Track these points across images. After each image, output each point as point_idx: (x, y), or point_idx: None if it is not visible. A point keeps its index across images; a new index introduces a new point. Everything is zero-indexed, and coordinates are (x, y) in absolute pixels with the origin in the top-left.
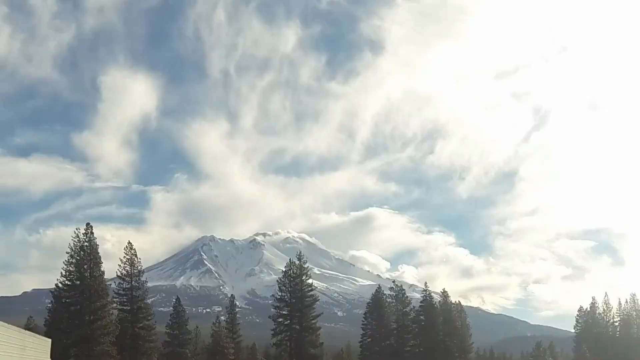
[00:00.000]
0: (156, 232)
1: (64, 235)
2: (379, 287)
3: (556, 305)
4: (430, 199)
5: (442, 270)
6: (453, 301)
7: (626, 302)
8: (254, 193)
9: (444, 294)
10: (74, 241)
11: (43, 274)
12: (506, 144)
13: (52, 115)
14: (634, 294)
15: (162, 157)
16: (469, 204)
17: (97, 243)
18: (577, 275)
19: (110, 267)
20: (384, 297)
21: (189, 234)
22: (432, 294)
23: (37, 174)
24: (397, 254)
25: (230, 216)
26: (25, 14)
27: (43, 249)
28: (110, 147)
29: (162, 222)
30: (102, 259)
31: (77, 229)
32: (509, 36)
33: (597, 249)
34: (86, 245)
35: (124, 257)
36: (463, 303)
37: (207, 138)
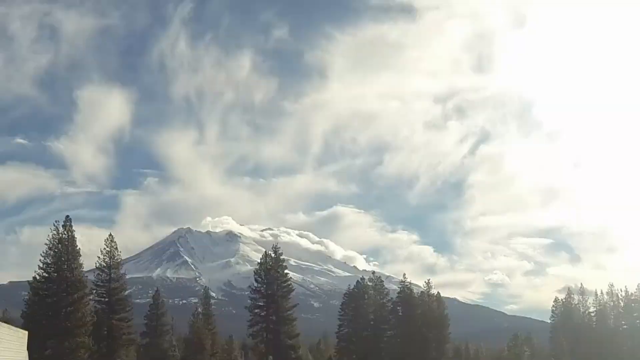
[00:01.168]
0: (127, 232)
1: (39, 234)
2: (361, 279)
3: (520, 300)
4: (385, 204)
5: (406, 267)
6: (432, 292)
7: (602, 293)
8: (223, 195)
9: (428, 285)
10: (53, 234)
11: (20, 269)
12: (453, 157)
13: (29, 126)
14: (612, 285)
15: (134, 163)
16: (419, 208)
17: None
18: (538, 271)
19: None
20: (364, 288)
21: (163, 230)
22: (412, 285)
23: (12, 180)
24: (365, 251)
25: (201, 217)
26: (7, 39)
27: (20, 246)
28: (84, 154)
29: (133, 222)
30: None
31: (56, 221)
32: (443, 65)
33: (553, 246)
34: (65, 238)
35: (104, 248)
36: (443, 292)
37: (177, 146)
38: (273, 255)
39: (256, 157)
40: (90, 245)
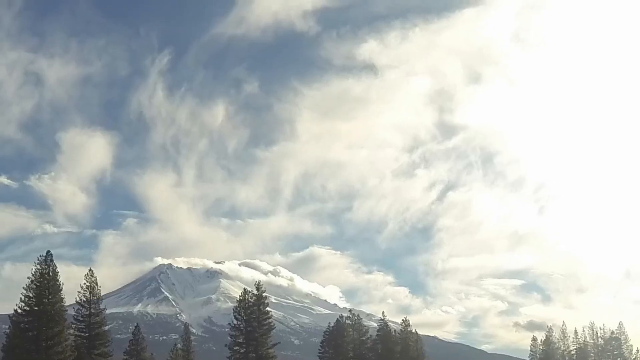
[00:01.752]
0: (105, 271)
1: (21, 270)
2: (341, 317)
3: (495, 339)
4: (359, 246)
5: (382, 308)
6: (410, 330)
7: (583, 330)
8: (201, 236)
9: (405, 323)
10: (35, 268)
11: (0, 302)
12: (421, 203)
13: (12, 166)
14: (592, 323)
15: (114, 204)
16: (389, 251)
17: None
18: (512, 311)
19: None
20: (344, 326)
21: (142, 268)
22: (390, 323)
23: None
24: (342, 292)
25: (179, 256)
26: None
27: (1, 281)
28: (65, 195)
29: (111, 262)
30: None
31: (39, 256)
32: (406, 118)
33: (525, 287)
34: (47, 272)
35: (84, 283)
36: (419, 332)
37: (157, 187)
38: (255, 292)
39: (231, 200)
40: (68, 283)
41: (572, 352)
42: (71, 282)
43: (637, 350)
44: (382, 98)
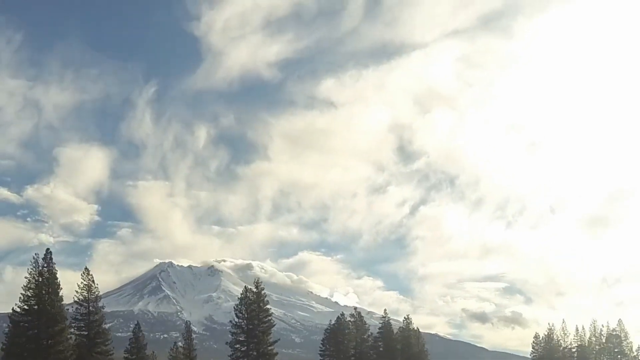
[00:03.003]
0: (101, 277)
1: (22, 274)
2: (342, 314)
3: (483, 339)
4: (344, 252)
5: (375, 311)
6: (412, 328)
7: (583, 328)
8: (193, 242)
9: (407, 321)
10: (33, 266)
11: (0, 302)
12: (394, 217)
13: (9, 179)
14: (595, 321)
15: (110, 215)
16: (366, 261)
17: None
18: (498, 311)
19: None
20: (345, 324)
21: (139, 268)
22: (391, 321)
23: None
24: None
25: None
26: None
27: (1, 283)
28: (62, 206)
29: (106, 269)
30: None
31: (35, 254)
32: (369, 147)
33: (508, 289)
34: (45, 270)
35: (81, 282)
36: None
37: (150, 199)
38: (254, 290)
39: (219, 211)
40: (65, 289)
41: (573, 350)
42: (66, 288)
43: (637, 348)
44: (345, 129)
